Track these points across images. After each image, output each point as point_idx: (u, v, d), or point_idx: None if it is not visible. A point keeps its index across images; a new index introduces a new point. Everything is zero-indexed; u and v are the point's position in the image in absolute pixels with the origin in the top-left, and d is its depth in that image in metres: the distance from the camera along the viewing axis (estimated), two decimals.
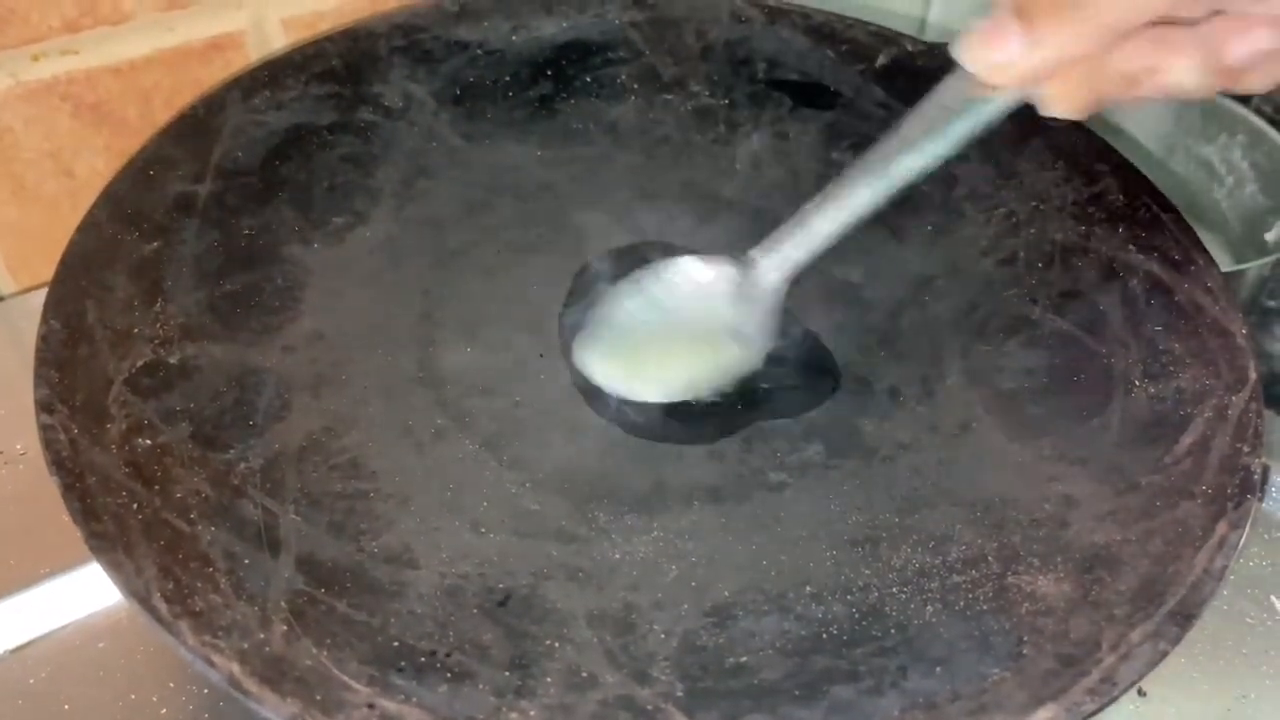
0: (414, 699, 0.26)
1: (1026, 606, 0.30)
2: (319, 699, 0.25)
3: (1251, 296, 0.48)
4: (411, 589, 0.30)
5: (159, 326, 0.34)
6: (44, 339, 0.31)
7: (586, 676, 0.28)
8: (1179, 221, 0.39)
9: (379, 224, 0.40)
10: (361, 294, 0.38)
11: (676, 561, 0.32)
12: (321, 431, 0.33)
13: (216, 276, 0.36)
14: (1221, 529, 0.30)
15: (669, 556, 0.32)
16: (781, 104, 0.45)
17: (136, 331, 0.33)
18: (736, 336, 0.36)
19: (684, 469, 0.34)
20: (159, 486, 0.30)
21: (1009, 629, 0.29)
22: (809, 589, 0.31)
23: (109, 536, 0.27)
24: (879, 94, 0.44)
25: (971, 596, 0.30)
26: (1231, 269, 0.44)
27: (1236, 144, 0.51)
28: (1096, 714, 0.27)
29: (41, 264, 0.46)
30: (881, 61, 0.45)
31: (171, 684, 0.33)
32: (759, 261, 0.35)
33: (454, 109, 0.44)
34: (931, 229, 0.42)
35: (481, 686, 0.27)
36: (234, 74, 0.41)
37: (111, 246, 0.35)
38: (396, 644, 0.28)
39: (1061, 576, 0.30)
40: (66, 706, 0.32)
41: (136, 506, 0.28)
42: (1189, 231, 0.39)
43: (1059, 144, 0.42)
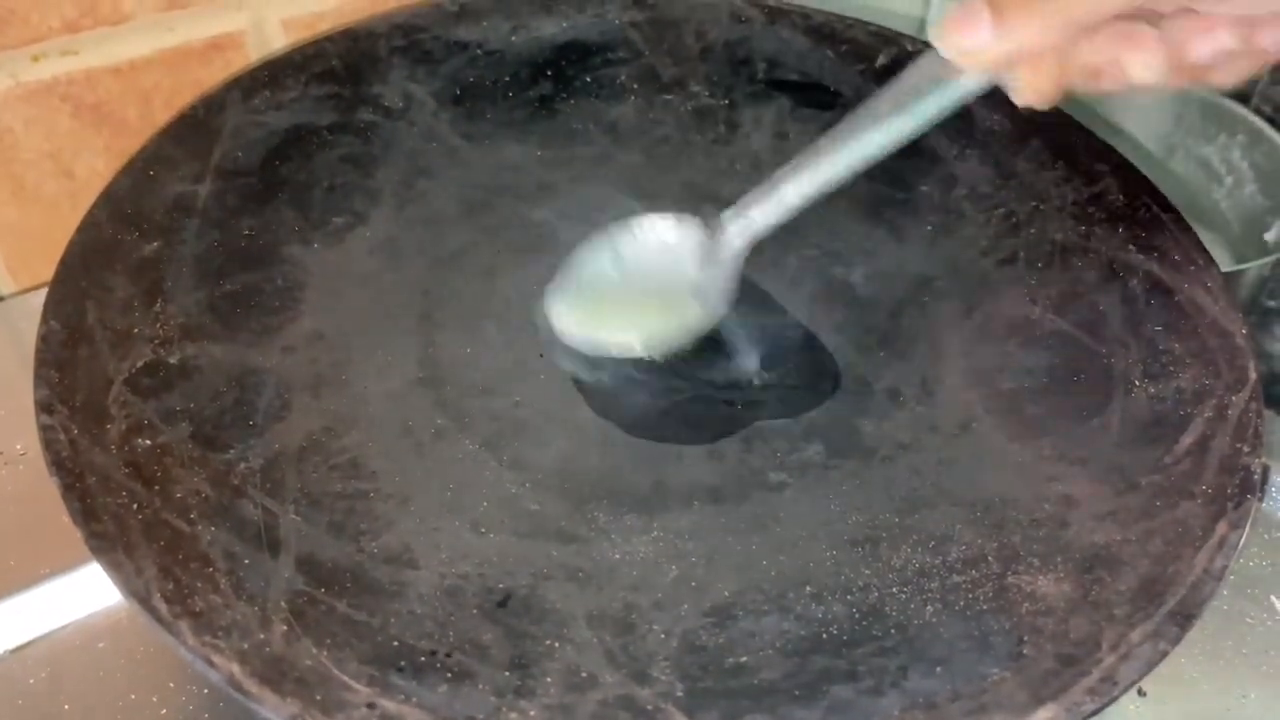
0: (414, 699, 0.26)
1: (1026, 606, 0.30)
2: (319, 699, 0.25)
3: (1251, 296, 0.48)
4: (411, 589, 0.30)
5: (159, 327, 0.34)
6: (44, 339, 0.31)
7: (586, 676, 0.28)
8: (1179, 221, 0.39)
9: (379, 224, 0.40)
10: (361, 294, 0.38)
11: (676, 561, 0.32)
12: (321, 431, 0.33)
13: (216, 277, 0.36)
14: (1221, 529, 0.30)
15: (669, 556, 0.32)
16: (781, 104, 0.45)
17: (136, 332, 0.33)
18: (696, 296, 0.37)
19: (684, 469, 0.34)
20: (159, 487, 0.30)
21: (1009, 629, 0.29)
22: (809, 589, 0.31)
23: (109, 537, 0.27)
24: None
25: (971, 596, 0.30)
26: (1231, 269, 0.44)
27: (1236, 144, 0.51)
28: (1096, 714, 0.27)
29: (41, 264, 0.46)
30: (881, 62, 0.45)
31: (171, 684, 0.33)
32: (725, 226, 0.36)
33: (454, 109, 0.44)
34: (931, 229, 0.42)
35: (481, 686, 0.27)
36: (234, 74, 0.41)
37: (111, 247, 0.35)
38: (396, 644, 0.28)
39: (1061, 576, 0.30)
40: (66, 707, 0.32)
41: (136, 507, 0.29)
42: (1189, 231, 0.39)
43: (1059, 144, 0.42)
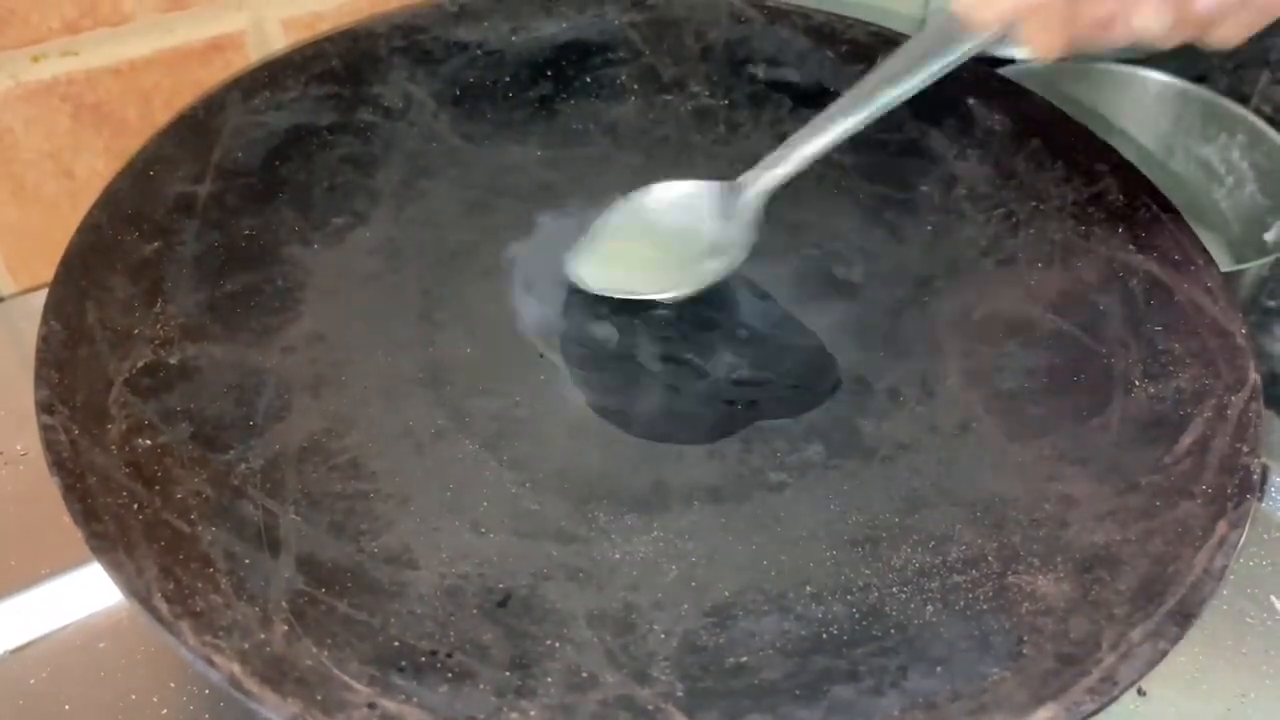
0: (414, 699, 0.26)
1: (1026, 606, 0.30)
2: (319, 699, 0.25)
3: (1251, 296, 0.48)
4: (412, 589, 0.30)
5: (159, 327, 0.34)
6: (44, 340, 0.31)
7: (587, 676, 0.28)
8: (1179, 222, 0.39)
9: (379, 224, 0.40)
10: (361, 294, 0.38)
11: (676, 561, 0.32)
12: (321, 432, 0.33)
13: (216, 277, 0.36)
14: (1221, 529, 0.30)
15: (669, 556, 0.32)
16: (781, 104, 0.45)
17: (137, 332, 0.33)
18: (717, 244, 0.38)
19: (684, 469, 0.34)
20: (159, 487, 0.30)
21: (1009, 628, 0.29)
22: (809, 589, 0.31)
23: (109, 537, 0.27)
24: None
25: (971, 596, 0.30)
26: (1231, 269, 0.44)
27: (1236, 144, 0.51)
28: (1096, 713, 0.27)
29: (42, 265, 0.46)
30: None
31: (172, 684, 0.33)
32: (744, 180, 0.38)
33: (454, 109, 0.44)
34: (931, 229, 0.42)
35: (482, 686, 0.27)
36: (234, 75, 0.41)
37: (111, 247, 0.35)
38: (397, 644, 0.28)
39: (1061, 576, 0.30)
40: (67, 707, 0.32)
41: (137, 507, 0.29)
42: (1189, 232, 0.39)
43: (1059, 144, 0.42)
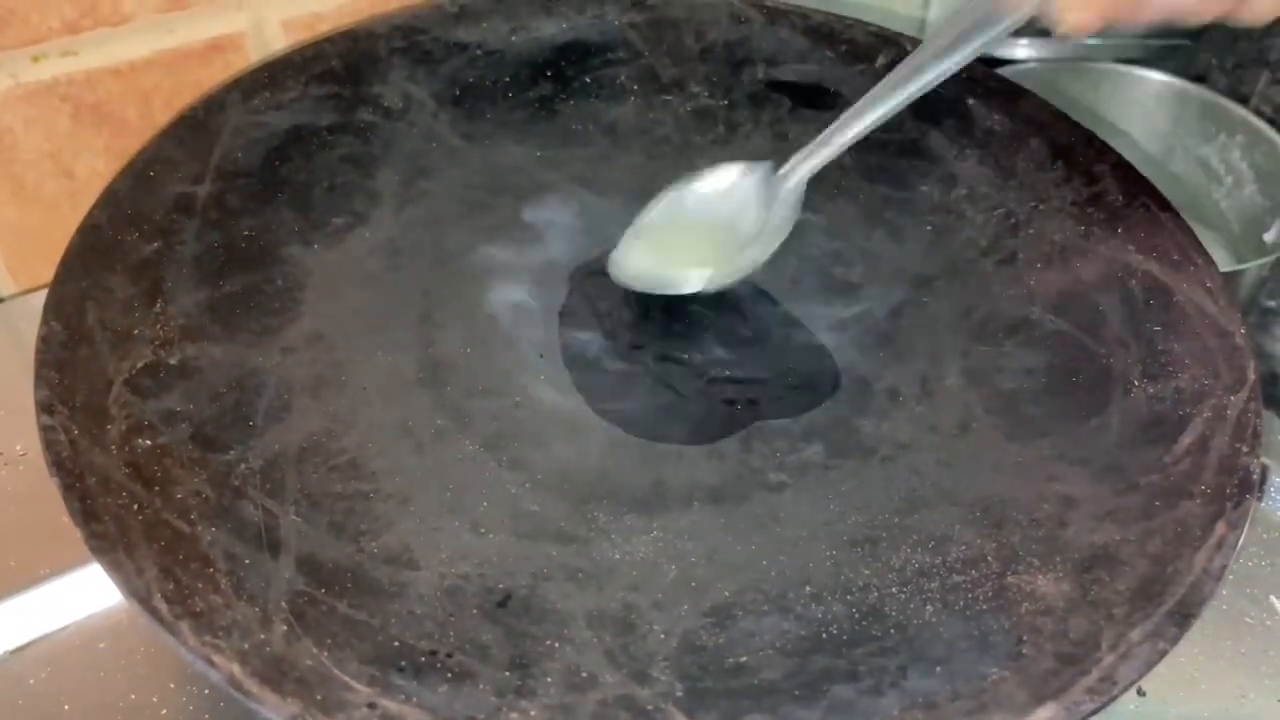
0: (414, 699, 0.26)
1: (1026, 606, 0.30)
2: (319, 699, 0.25)
3: (1251, 296, 0.48)
4: (411, 589, 0.30)
5: (159, 327, 0.34)
6: (44, 340, 0.31)
7: (586, 677, 0.28)
8: (1178, 222, 0.39)
9: (379, 225, 0.40)
10: (361, 294, 0.38)
11: (676, 562, 0.32)
12: (321, 432, 0.34)
13: (216, 277, 0.36)
14: (1220, 529, 0.30)
15: (669, 557, 0.32)
16: (781, 105, 0.46)
17: (136, 332, 0.33)
18: (756, 232, 0.38)
19: (684, 469, 0.34)
20: (159, 487, 0.30)
21: (1008, 628, 0.29)
22: (808, 589, 0.31)
23: (109, 537, 0.27)
24: None
25: (971, 596, 0.30)
26: (1230, 269, 0.44)
27: (1235, 144, 0.51)
28: (1096, 713, 0.27)
29: (41, 265, 0.46)
30: (881, 62, 0.45)
31: (172, 684, 0.33)
32: (787, 166, 0.38)
33: (453, 110, 0.44)
34: (931, 229, 0.42)
35: (482, 686, 0.27)
36: (234, 75, 0.41)
37: (111, 247, 0.35)
38: (397, 644, 0.28)
39: (1061, 576, 0.30)
40: (67, 707, 0.32)
41: (137, 507, 0.29)
42: (1188, 232, 0.39)
43: (1058, 144, 0.42)
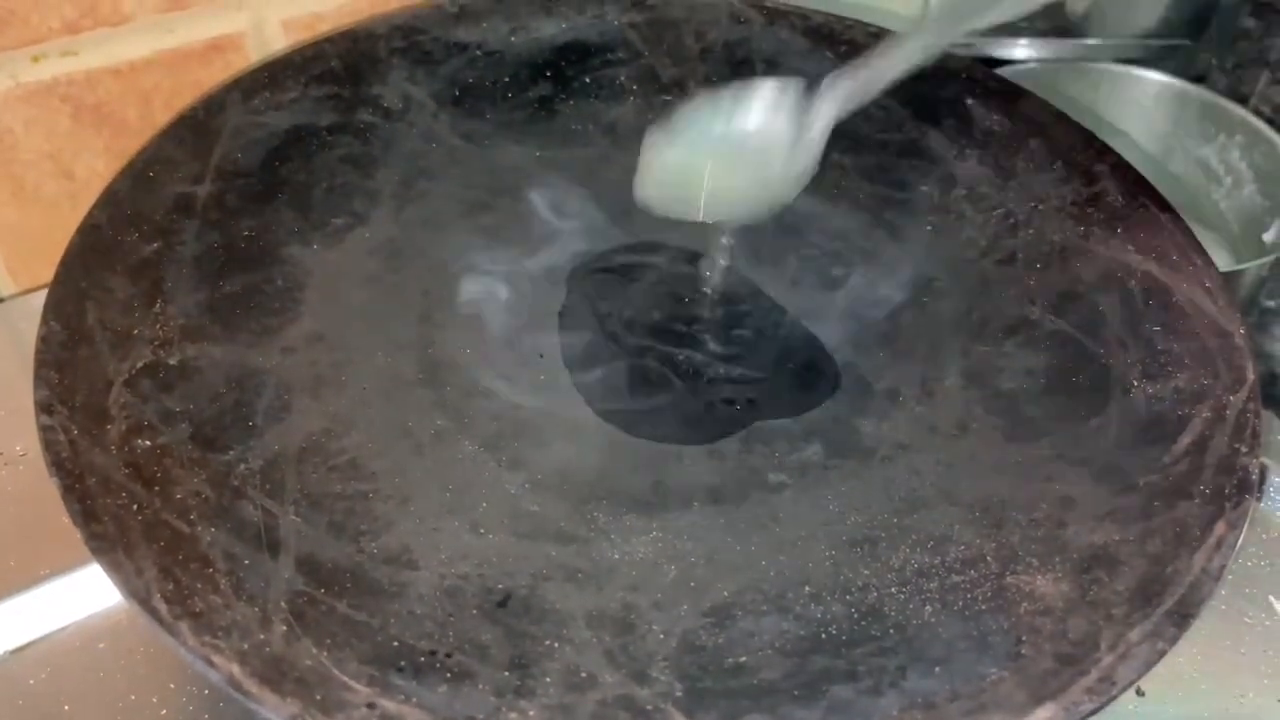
0: (414, 699, 0.26)
1: (1025, 606, 0.30)
2: (319, 699, 0.25)
3: (1250, 296, 0.48)
4: (411, 589, 0.30)
5: (159, 328, 0.34)
6: (44, 340, 0.31)
7: (586, 677, 0.28)
8: (1177, 222, 0.39)
9: (379, 225, 0.40)
10: (361, 295, 0.38)
11: (675, 562, 0.32)
12: (321, 432, 0.34)
13: (216, 278, 0.36)
14: (1219, 529, 0.30)
15: (668, 557, 0.32)
16: None
17: (136, 333, 0.33)
18: (785, 163, 0.37)
19: (683, 469, 0.34)
20: (159, 488, 0.30)
21: (1007, 629, 0.29)
22: (808, 589, 0.31)
23: (109, 538, 0.27)
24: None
25: (970, 596, 0.30)
26: (1230, 269, 0.44)
27: (1235, 144, 0.51)
28: (1095, 713, 0.27)
29: (41, 265, 0.46)
30: None
31: (172, 685, 0.33)
32: (814, 98, 0.36)
33: (453, 110, 0.44)
34: (931, 229, 0.42)
35: (481, 686, 0.27)
36: (234, 75, 0.41)
37: (111, 248, 0.35)
38: (396, 644, 0.28)
39: (1060, 576, 0.30)
40: (67, 707, 0.32)
41: (136, 508, 0.29)
42: (1187, 232, 0.39)
43: (1057, 145, 0.42)
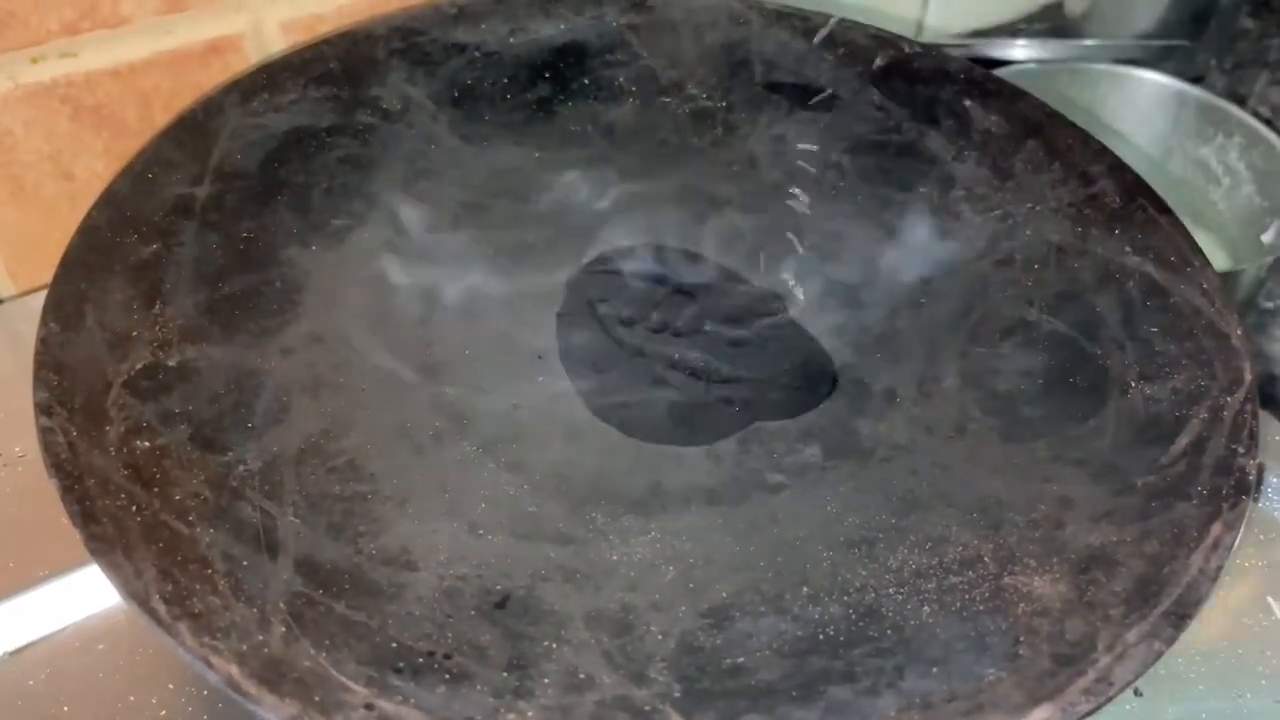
0: (412, 700, 0.26)
1: (1023, 607, 0.30)
2: (317, 700, 0.26)
3: (1248, 297, 0.48)
4: (410, 590, 0.30)
5: (158, 329, 0.34)
6: (43, 341, 0.31)
7: (584, 678, 0.28)
8: (1175, 223, 0.39)
9: (377, 226, 0.40)
10: (360, 296, 0.38)
11: (674, 563, 0.32)
12: (320, 434, 0.34)
13: (215, 279, 0.36)
14: (1217, 530, 0.30)
15: (666, 558, 0.32)
16: (779, 106, 0.46)
17: (135, 334, 0.33)
18: None
19: (681, 470, 0.35)
20: (158, 489, 0.30)
21: (1005, 629, 0.29)
22: (806, 590, 0.31)
23: (108, 539, 0.27)
24: (876, 96, 0.44)
25: (968, 597, 0.30)
26: (1228, 270, 0.44)
27: (1234, 145, 0.52)
28: (1093, 714, 0.27)
29: (41, 266, 0.46)
30: (879, 64, 0.45)
31: (171, 686, 0.33)
32: None
33: (452, 111, 0.44)
34: (928, 230, 0.42)
35: (479, 687, 0.27)
36: (233, 77, 0.41)
37: (110, 249, 0.35)
38: (395, 645, 0.28)
39: (1057, 577, 0.30)
40: (66, 708, 0.32)
41: (135, 509, 0.29)
42: (1185, 233, 0.39)
43: (1055, 145, 0.42)
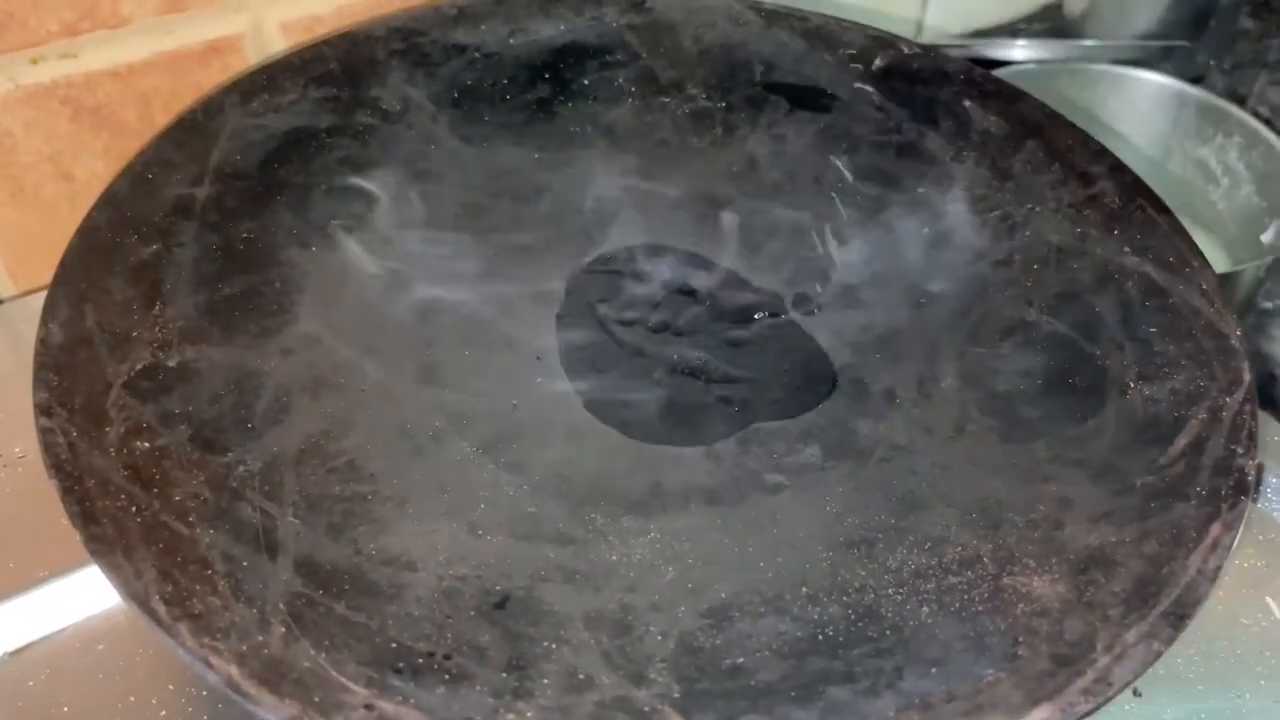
0: (412, 700, 0.26)
1: (1022, 607, 0.30)
2: (317, 700, 0.26)
3: (1247, 297, 0.48)
4: (409, 591, 0.30)
5: (158, 330, 0.34)
6: (43, 342, 0.32)
7: (584, 678, 0.28)
8: (1174, 224, 0.39)
9: (377, 227, 0.40)
10: (360, 297, 0.38)
11: (673, 563, 0.32)
12: (320, 434, 0.34)
13: (215, 280, 0.36)
14: (1215, 530, 0.30)
15: (666, 558, 0.32)
16: (778, 107, 0.46)
17: (135, 335, 0.33)
18: None
19: (681, 471, 0.35)
20: (158, 489, 0.30)
21: (1004, 630, 0.29)
22: (805, 590, 0.31)
23: (108, 539, 0.27)
24: (875, 97, 0.44)
25: (967, 597, 0.30)
26: (1228, 270, 0.44)
27: (1233, 145, 0.52)
28: (1091, 714, 0.27)
29: (41, 267, 0.46)
30: (878, 64, 0.45)
31: (171, 686, 0.33)
32: None
33: (452, 112, 0.44)
34: (928, 231, 0.42)
35: (479, 688, 0.27)
36: (232, 77, 0.41)
37: (110, 250, 0.35)
38: (394, 646, 0.28)
39: (1056, 577, 0.30)
40: (66, 709, 0.32)
41: (135, 509, 0.29)
42: (1184, 234, 0.39)
43: (1055, 146, 0.42)
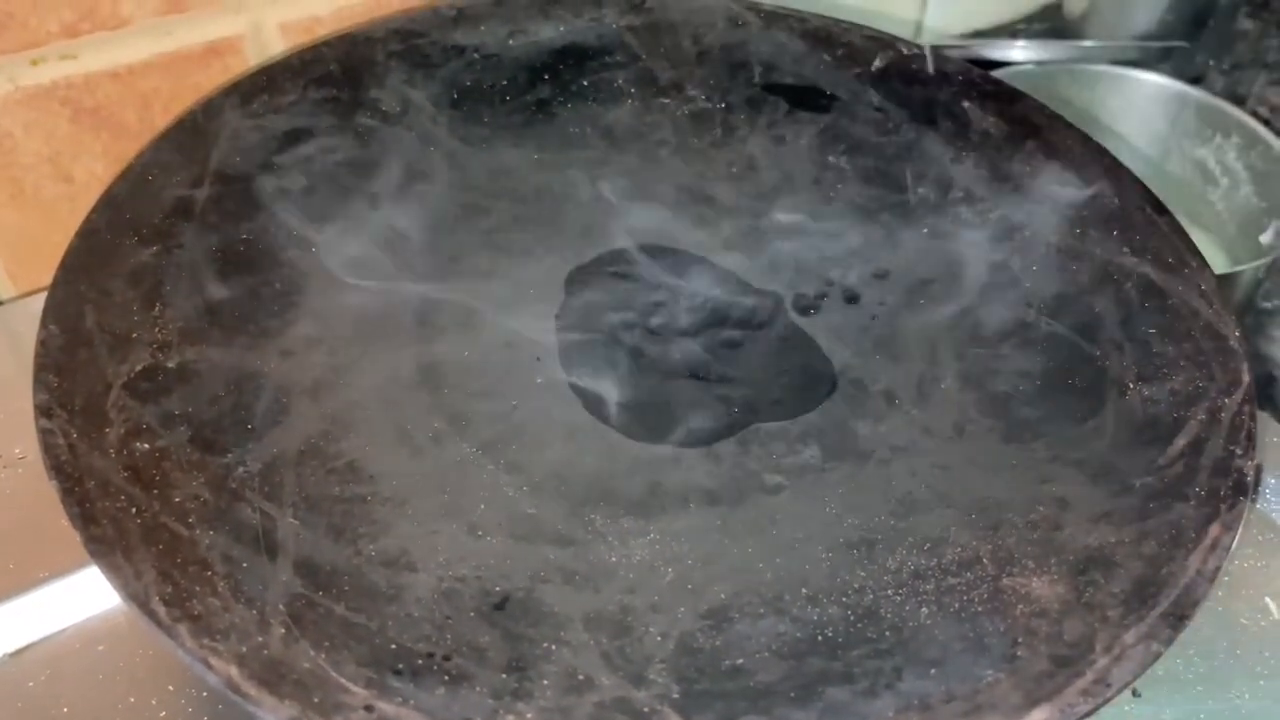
0: (411, 701, 0.26)
1: (1021, 608, 0.30)
2: (317, 701, 0.26)
3: (1247, 298, 0.48)
4: (409, 592, 0.30)
5: (157, 331, 0.34)
6: (43, 343, 0.32)
7: (583, 679, 0.28)
8: (1173, 224, 0.39)
9: (377, 227, 0.40)
10: (359, 298, 0.38)
11: (673, 564, 0.32)
12: (319, 435, 0.34)
13: (215, 281, 0.36)
14: (1214, 530, 0.30)
15: (665, 559, 0.32)
16: (777, 107, 0.46)
17: (135, 336, 0.33)
18: None
19: (680, 472, 0.35)
20: (157, 490, 0.30)
21: (1003, 630, 0.29)
22: (805, 591, 0.31)
23: (108, 540, 0.27)
24: (874, 97, 0.45)
25: (966, 598, 0.30)
26: (1227, 271, 0.44)
27: (1232, 146, 0.52)
28: (1090, 715, 0.27)
29: (40, 268, 0.46)
30: (877, 65, 0.45)
31: (170, 687, 0.33)
32: None
33: (451, 113, 0.44)
34: (927, 232, 0.42)
35: (479, 689, 0.27)
36: (232, 79, 0.41)
37: (110, 251, 0.35)
38: (394, 646, 0.28)
39: (1056, 578, 0.31)
40: (65, 710, 0.32)
41: (135, 510, 0.29)
42: (1183, 234, 0.39)
43: (1054, 147, 0.42)
